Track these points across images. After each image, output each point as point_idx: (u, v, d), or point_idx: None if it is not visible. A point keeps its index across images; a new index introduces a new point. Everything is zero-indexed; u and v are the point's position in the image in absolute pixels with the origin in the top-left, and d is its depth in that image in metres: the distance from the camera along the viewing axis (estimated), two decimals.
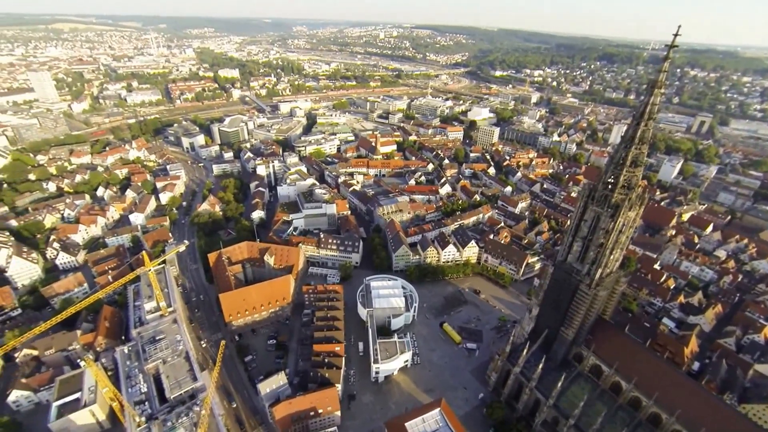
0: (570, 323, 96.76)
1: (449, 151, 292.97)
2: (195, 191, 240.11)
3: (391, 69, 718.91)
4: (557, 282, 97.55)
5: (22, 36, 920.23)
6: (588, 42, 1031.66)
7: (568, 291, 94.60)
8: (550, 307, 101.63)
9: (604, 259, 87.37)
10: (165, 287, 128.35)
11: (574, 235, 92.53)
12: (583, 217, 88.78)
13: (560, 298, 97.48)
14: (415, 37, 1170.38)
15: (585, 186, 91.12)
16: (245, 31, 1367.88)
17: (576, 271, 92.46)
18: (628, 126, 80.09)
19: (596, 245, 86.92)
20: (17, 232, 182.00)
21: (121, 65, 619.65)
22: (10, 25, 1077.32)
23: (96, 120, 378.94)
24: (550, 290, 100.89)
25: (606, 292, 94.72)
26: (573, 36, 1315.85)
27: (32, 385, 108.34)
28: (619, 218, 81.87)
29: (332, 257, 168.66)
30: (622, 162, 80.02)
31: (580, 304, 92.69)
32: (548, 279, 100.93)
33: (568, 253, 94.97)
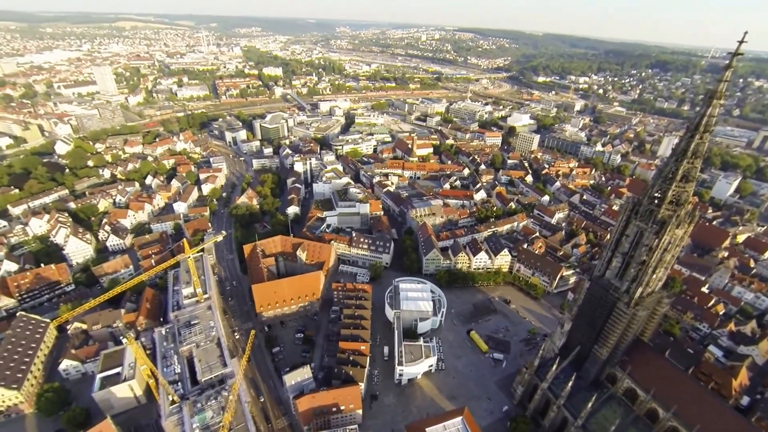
0: (605, 342, 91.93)
1: (486, 157, 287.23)
2: (235, 184, 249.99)
3: (431, 72, 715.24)
4: (593, 298, 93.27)
5: (88, 33, 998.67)
6: (640, 48, 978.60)
7: (604, 308, 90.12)
8: (584, 324, 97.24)
9: (645, 278, 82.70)
10: (202, 275, 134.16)
11: (613, 250, 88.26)
12: (625, 231, 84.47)
13: (595, 315, 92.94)
14: (457, 40, 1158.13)
15: (629, 199, 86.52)
16: (290, 31, 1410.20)
17: (614, 288, 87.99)
18: (680, 138, 75.24)
19: (638, 262, 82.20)
20: (75, 213, 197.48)
21: (173, 61, 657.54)
22: (78, 23, 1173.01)
23: (149, 112, 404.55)
24: (584, 306, 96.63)
25: (646, 313, 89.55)
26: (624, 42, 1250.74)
27: (80, 356, 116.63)
28: (664, 235, 76.99)
29: (363, 256, 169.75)
30: (671, 176, 75.10)
31: (616, 323, 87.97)
32: (583, 294, 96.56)
33: (607, 268, 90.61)
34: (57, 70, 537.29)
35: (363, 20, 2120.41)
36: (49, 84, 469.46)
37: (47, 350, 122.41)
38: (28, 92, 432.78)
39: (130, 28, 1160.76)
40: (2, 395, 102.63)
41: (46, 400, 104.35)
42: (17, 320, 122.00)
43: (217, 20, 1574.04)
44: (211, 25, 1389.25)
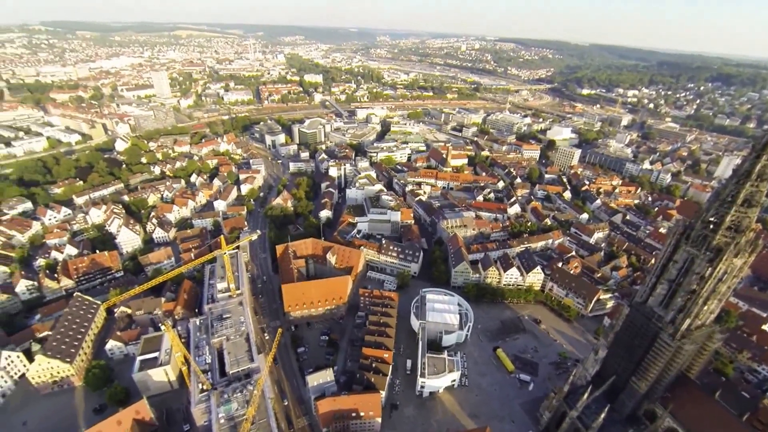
0: (644, 374, 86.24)
1: (522, 170, 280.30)
2: (271, 186, 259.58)
3: (470, 82, 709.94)
4: (633, 325, 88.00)
5: (150, 41, 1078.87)
6: (699, 60, 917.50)
7: (645, 337, 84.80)
8: (621, 352, 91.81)
9: (695, 309, 76.91)
10: (236, 271, 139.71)
11: (659, 276, 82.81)
12: (673, 257, 78.94)
13: (635, 344, 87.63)
14: (497, 51, 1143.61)
15: (679, 222, 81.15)
16: (332, 40, 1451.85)
17: (657, 317, 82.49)
18: (743, 158, 69.73)
19: (686, 291, 76.64)
20: (128, 205, 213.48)
21: (222, 67, 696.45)
22: (142, 32, 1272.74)
23: (197, 114, 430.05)
24: (623, 333, 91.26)
25: (693, 347, 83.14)
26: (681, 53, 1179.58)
27: (124, 338, 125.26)
28: (720, 264, 71.27)
29: (391, 264, 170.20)
30: (731, 199, 69.73)
31: (659, 355, 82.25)
32: (622, 320, 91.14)
33: (650, 295, 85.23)
34: (121, 75, 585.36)
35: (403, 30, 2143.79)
36: (114, 87, 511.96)
37: (97, 330, 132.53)
38: (96, 94, 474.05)
39: (186, 37, 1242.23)
40: (58, 367, 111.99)
41: (93, 375, 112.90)
42: (74, 300, 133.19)
43: (264, 29, 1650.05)
44: (258, 34, 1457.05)
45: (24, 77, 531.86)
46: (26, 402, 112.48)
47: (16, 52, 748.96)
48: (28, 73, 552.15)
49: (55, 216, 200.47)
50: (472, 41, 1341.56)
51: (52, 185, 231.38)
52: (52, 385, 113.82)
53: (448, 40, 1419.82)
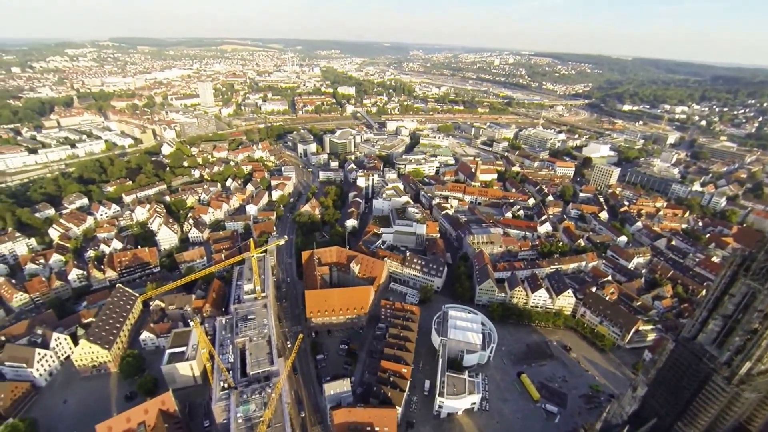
0: (692, 420, 77.73)
1: (555, 188, 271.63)
2: (301, 193, 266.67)
3: (502, 96, 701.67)
4: (679, 363, 79.96)
5: (199, 55, 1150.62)
6: (762, 74, 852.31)
7: (693, 378, 76.53)
8: (664, 392, 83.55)
9: (756, 351, 67.98)
10: (263, 274, 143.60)
11: (711, 311, 74.97)
12: (729, 290, 71.08)
13: (681, 385, 79.33)
14: (532, 65, 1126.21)
15: (737, 252, 72.99)
16: (366, 54, 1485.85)
17: (709, 357, 74.22)
18: None
19: (745, 330, 68.37)
20: (168, 206, 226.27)
21: (262, 79, 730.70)
22: (193, 47, 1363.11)
23: (236, 123, 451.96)
24: (666, 370, 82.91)
25: (755, 396, 73.52)
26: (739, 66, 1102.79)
27: (156, 331, 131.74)
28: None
29: (414, 277, 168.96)
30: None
31: (710, 401, 73.95)
32: (666, 356, 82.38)
33: (700, 330, 77.39)
34: (172, 85, 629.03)
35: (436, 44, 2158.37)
36: (165, 96, 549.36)
37: (133, 321, 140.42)
38: (149, 102, 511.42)
39: (231, 51, 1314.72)
40: (98, 352, 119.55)
41: (127, 363, 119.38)
42: (116, 291, 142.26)
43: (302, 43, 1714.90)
44: (297, 48, 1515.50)
45: (91, 87, 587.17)
46: (68, 382, 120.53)
47: (87, 64, 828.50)
48: (94, 83, 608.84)
49: (106, 212, 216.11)
50: (506, 56, 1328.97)
51: (105, 184, 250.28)
52: (91, 369, 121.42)
53: (482, 54, 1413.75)
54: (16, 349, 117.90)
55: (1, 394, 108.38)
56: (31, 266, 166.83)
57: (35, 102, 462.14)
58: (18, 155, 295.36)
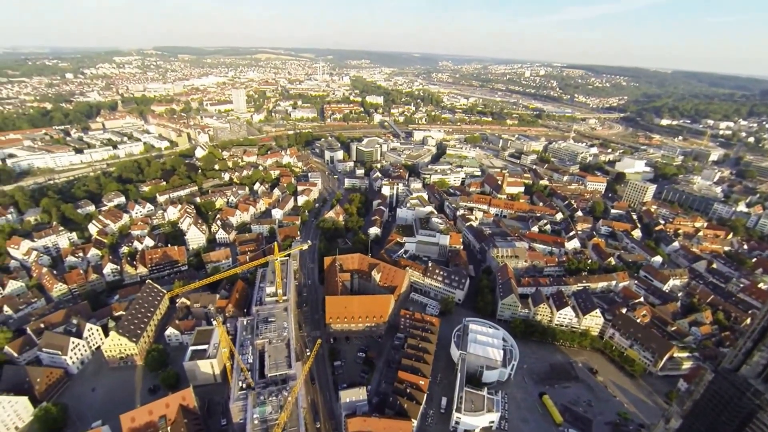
0: None
1: (585, 203, 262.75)
2: (326, 199, 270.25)
3: (532, 108, 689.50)
4: (718, 396, 74.67)
5: (234, 63, 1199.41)
6: None
7: (735, 414, 71.10)
8: (702, 426, 77.87)
9: None
10: (285, 277, 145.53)
11: (757, 341, 70.00)
12: None
13: (721, 420, 73.82)
14: (564, 77, 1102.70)
15: None
16: (395, 64, 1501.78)
17: (754, 392, 68.88)
18: None
19: None
20: (198, 207, 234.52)
21: (293, 87, 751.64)
22: (229, 55, 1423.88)
23: (266, 129, 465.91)
24: (704, 403, 77.58)
25: None
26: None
27: (181, 327, 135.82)
28: None
29: (436, 288, 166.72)
30: None
31: None
32: (704, 387, 77.29)
33: (744, 362, 72.22)
34: (208, 91, 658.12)
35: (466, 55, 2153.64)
36: (200, 102, 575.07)
37: (160, 316, 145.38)
38: (186, 107, 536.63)
39: (265, 59, 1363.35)
40: (126, 345, 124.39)
41: (152, 357, 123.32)
42: (145, 287, 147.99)
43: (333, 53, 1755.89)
44: (328, 57, 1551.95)
45: (134, 92, 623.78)
46: (98, 372, 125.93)
47: (132, 71, 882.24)
48: (137, 88, 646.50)
49: (141, 210, 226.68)
50: (537, 67, 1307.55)
51: (142, 184, 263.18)
52: (119, 360, 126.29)
53: (512, 66, 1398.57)
54: (53, 337, 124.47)
55: (38, 378, 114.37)
56: (71, 259, 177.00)
57: (84, 105, 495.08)
58: (66, 154, 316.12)
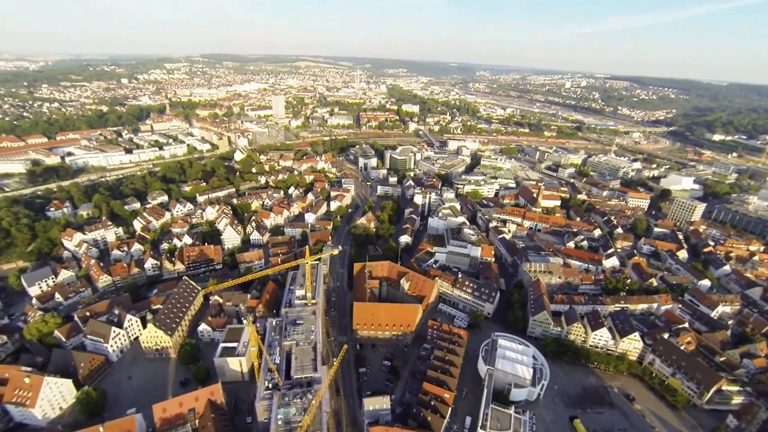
0: None
1: (626, 220, 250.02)
2: (358, 205, 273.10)
3: (571, 120, 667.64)
4: None
5: (275, 70, 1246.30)
6: None
7: None
8: None
9: None
10: (315, 281, 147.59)
11: None
12: None
13: None
14: (607, 89, 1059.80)
15: None
16: (432, 73, 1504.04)
17: None
18: None
19: None
20: (235, 208, 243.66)
21: (330, 94, 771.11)
22: (271, 63, 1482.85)
23: (303, 134, 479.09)
24: None
25: None
26: None
27: (213, 324, 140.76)
28: None
29: (465, 300, 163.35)
30: None
31: None
32: (757, 426, 72.00)
33: None
34: (249, 97, 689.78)
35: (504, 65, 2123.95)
36: (242, 107, 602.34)
37: (194, 312, 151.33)
38: (228, 112, 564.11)
39: (304, 67, 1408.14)
40: (161, 337, 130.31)
41: (185, 351, 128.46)
42: (182, 282, 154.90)
43: (371, 62, 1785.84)
44: (365, 66, 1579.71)
45: (181, 97, 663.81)
46: (134, 361, 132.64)
47: (180, 77, 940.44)
48: (184, 93, 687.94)
49: (181, 209, 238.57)
50: (579, 78, 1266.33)
51: (183, 184, 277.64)
52: (154, 352, 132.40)
53: (551, 77, 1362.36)
54: (97, 325, 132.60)
55: (82, 363, 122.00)
56: (116, 252, 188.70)
57: (136, 109, 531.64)
58: (117, 154, 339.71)
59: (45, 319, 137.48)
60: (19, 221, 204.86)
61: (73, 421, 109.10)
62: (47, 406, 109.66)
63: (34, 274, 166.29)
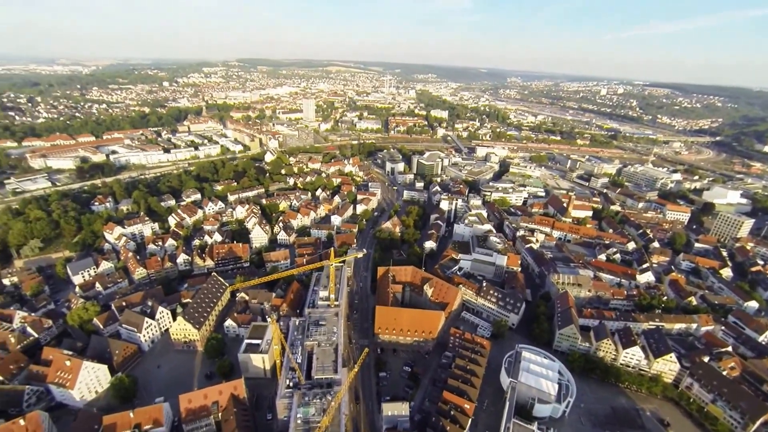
0: None
1: (663, 233, 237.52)
2: (384, 209, 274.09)
3: (606, 128, 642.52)
4: None
5: (307, 75, 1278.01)
6: None
7: None
8: None
9: None
10: (338, 283, 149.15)
11: None
12: None
13: None
14: (646, 96, 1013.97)
15: None
16: (462, 79, 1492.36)
17: None
18: None
19: None
20: (263, 208, 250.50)
21: (359, 99, 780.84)
22: (303, 67, 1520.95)
23: (332, 138, 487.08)
24: None
25: None
26: None
27: (238, 320, 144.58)
28: None
29: (489, 309, 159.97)
30: None
31: None
32: None
33: None
34: (281, 100, 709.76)
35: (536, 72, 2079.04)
36: (274, 110, 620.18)
37: (221, 307, 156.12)
38: (260, 115, 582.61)
39: (335, 72, 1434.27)
40: (189, 330, 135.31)
41: (211, 345, 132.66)
42: (211, 278, 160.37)
43: (401, 67, 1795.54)
44: (395, 71, 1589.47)
45: (217, 99, 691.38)
46: (164, 351, 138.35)
47: (217, 81, 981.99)
48: (220, 96, 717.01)
49: (213, 207, 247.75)
50: (615, 85, 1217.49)
51: (216, 183, 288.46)
52: (183, 344, 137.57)
53: (586, 83, 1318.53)
54: (131, 315, 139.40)
55: (117, 350, 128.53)
56: (151, 247, 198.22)
57: (174, 110, 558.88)
58: (156, 153, 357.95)
59: (86, 306, 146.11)
60: (67, 214, 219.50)
61: (106, 405, 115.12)
62: (84, 389, 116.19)
63: (78, 263, 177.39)
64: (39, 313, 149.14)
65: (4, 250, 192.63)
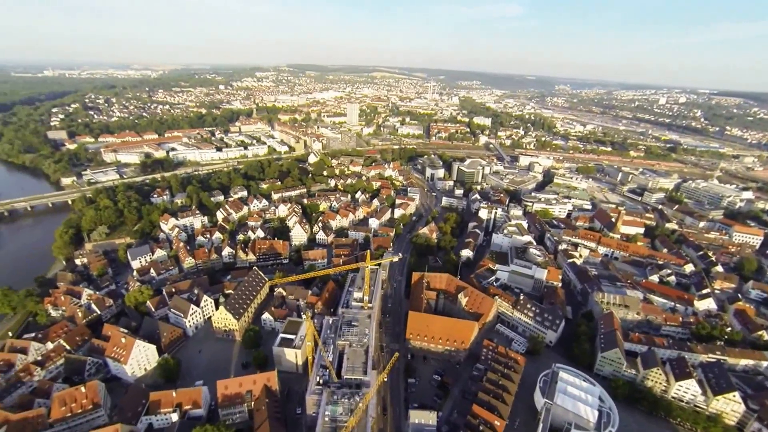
0: None
1: (729, 257, 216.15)
2: (422, 215, 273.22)
3: (664, 140, 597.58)
4: None
5: (352, 80, 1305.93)
6: None
7: None
8: None
9: None
10: (373, 285, 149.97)
11: None
12: None
13: None
14: (712, 106, 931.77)
15: None
16: (507, 86, 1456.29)
17: None
18: None
19: None
20: (304, 207, 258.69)
21: (402, 104, 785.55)
22: (348, 73, 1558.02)
23: (374, 142, 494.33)
24: None
25: None
26: None
27: (275, 315, 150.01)
28: None
29: (525, 324, 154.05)
30: None
31: None
32: None
33: None
34: (326, 104, 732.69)
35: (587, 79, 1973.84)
36: (319, 113, 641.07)
37: (259, 301, 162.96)
38: (306, 117, 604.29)
39: (379, 77, 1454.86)
40: (229, 320, 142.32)
41: (248, 336, 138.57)
42: (252, 272, 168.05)
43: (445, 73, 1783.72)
44: (439, 77, 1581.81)
45: (267, 102, 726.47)
46: (206, 338, 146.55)
47: (267, 85, 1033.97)
48: (269, 99, 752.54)
49: (257, 205, 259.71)
50: (676, 94, 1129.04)
51: (261, 181, 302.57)
52: (223, 333, 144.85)
53: (642, 91, 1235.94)
54: (179, 301, 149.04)
55: (165, 333, 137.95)
56: (200, 238, 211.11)
57: (228, 112, 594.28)
58: (209, 151, 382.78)
59: (141, 290, 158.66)
60: (130, 204, 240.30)
61: (153, 383, 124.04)
62: (135, 365, 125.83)
63: (137, 249, 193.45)
64: (102, 293, 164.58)
65: (78, 234, 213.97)
